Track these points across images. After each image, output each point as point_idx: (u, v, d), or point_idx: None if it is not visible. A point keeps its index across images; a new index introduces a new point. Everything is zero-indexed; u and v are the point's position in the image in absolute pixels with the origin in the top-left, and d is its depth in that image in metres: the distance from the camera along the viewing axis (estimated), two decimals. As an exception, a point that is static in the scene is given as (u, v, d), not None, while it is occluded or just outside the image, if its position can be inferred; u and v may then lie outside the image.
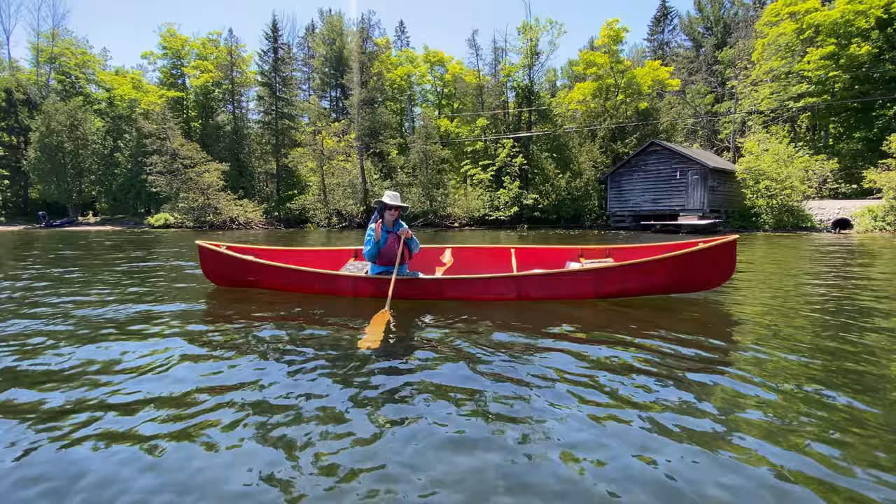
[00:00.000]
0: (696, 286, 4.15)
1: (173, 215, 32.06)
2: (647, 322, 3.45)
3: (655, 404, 2.02)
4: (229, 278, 4.79)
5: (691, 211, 24.11)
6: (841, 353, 2.74)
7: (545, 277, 3.96)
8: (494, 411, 1.96)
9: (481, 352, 2.76)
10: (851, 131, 30.25)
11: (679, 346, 2.86)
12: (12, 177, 40.55)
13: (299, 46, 52.64)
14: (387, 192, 4.33)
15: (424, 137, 33.75)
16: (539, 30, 36.53)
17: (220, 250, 4.66)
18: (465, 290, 4.05)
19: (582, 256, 4.95)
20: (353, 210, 33.37)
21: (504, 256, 5.14)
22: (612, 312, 3.72)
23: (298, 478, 1.50)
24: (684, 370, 2.43)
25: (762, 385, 2.23)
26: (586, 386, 2.23)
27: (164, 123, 31.45)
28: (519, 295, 3.96)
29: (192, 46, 42.19)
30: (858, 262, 7.98)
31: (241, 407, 2.02)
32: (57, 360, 2.65)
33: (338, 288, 4.38)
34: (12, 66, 42.94)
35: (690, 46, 52.92)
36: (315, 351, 2.80)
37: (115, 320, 3.60)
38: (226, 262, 4.67)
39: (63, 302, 4.30)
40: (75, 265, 7.54)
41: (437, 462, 1.58)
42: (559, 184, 33.28)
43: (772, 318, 3.61)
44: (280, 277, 4.52)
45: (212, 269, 4.83)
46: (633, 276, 3.93)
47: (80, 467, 1.56)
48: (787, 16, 30.14)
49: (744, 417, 1.91)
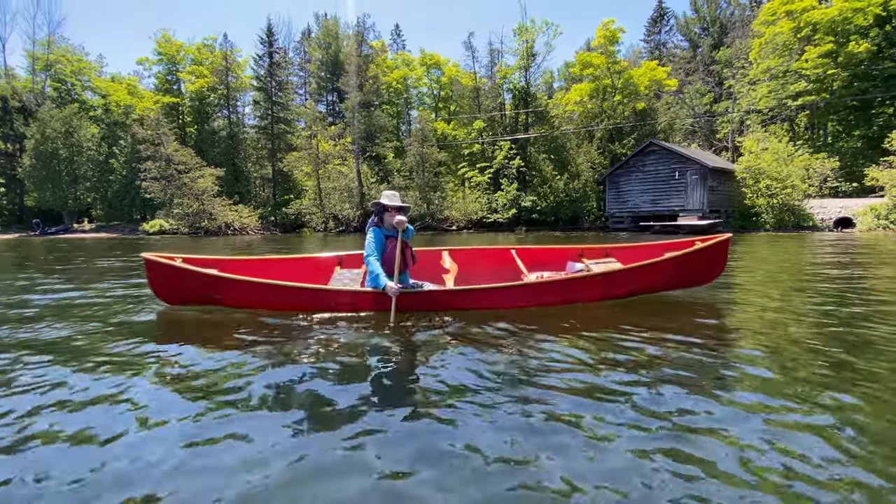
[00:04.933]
0: (695, 282, 4.44)
1: (168, 221, 31.79)
2: (660, 324, 3.30)
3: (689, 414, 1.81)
4: (186, 296, 4.08)
5: (691, 211, 23.81)
6: (858, 354, 2.44)
7: (560, 283, 3.93)
8: (527, 429, 1.81)
9: (502, 363, 2.58)
10: (851, 129, 30.00)
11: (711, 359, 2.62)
12: (8, 184, 40.27)
13: (295, 51, 52.49)
14: (384, 193, 3.92)
15: (421, 140, 33.52)
16: (535, 31, 36.38)
17: (173, 264, 3.93)
18: (480, 301, 3.81)
19: (583, 256, 4.85)
20: (350, 214, 33.12)
21: (506, 258, 4.89)
22: (618, 312, 3.74)
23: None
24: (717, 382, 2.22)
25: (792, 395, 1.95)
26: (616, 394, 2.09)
27: (157, 129, 31.24)
28: (534, 301, 3.86)
29: (187, 52, 42.07)
30: (868, 261, 7.67)
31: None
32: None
33: (331, 304, 3.80)
34: (8, 73, 42.81)
35: (687, 47, 52.86)
36: (308, 386, 2.28)
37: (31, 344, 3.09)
38: (182, 277, 3.96)
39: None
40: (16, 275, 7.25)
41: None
42: (557, 185, 33.01)
43: (787, 325, 3.31)
44: (255, 294, 3.88)
45: (163, 287, 4.07)
46: (641, 277, 4.05)
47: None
48: (783, 14, 29.98)
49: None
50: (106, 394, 2.19)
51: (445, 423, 1.84)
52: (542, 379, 2.30)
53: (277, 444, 1.69)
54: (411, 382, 2.35)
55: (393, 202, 3.82)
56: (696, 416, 1.87)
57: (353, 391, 2.20)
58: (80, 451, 1.67)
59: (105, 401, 2.11)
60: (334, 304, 3.78)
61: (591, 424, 1.80)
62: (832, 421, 1.81)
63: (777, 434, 1.71)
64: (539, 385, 2.22)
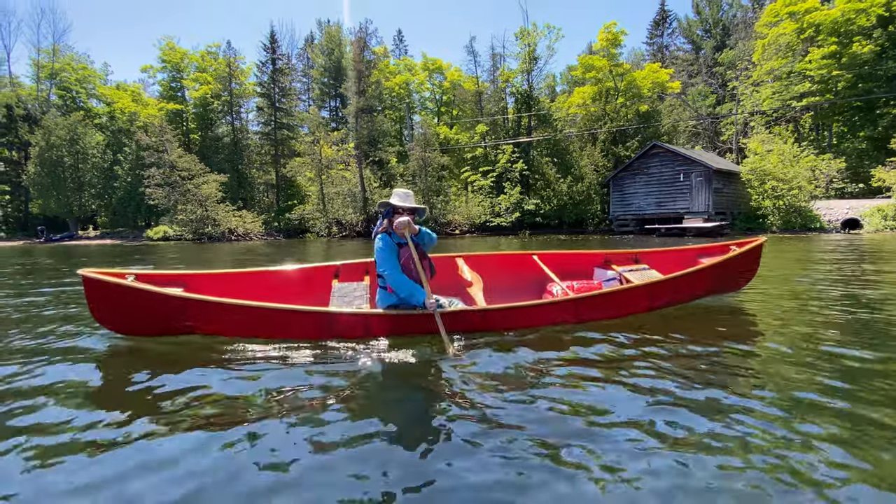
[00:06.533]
0: (730, 288, 4.27)
1: (172, 228, 31.85)
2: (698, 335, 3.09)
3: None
4: (143, 324, 3.09)
5: (696, 213, 23.67)
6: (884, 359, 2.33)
7: (604, 296, 3.53)
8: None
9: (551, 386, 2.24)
10: (856, 130, 29.84)
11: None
12: (13, 192, 40.59)
13: (298, 58, 52.84)
14: (395, 191, 3.15)
15: (423, 145, 33.56)
16: (537, 35, 36.51)
17: (123, 283, 2.93)
18: (518, 320, 3.27)
19: (610, 262, 4.43)
20: (353, 219, 33.14)
21: (529, 265, 4.38)
22: (646, 322, 3.50)
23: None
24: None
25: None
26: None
27: (161, 136, 31.40)
28: (576, 318, 3.42)
29: (191, 59, 42.34)
30: (881, 263, 7.54)
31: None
32: None
33: (338, 329, 3.03)
34: (13, 82, 43.20)
35: (690, 49, 52.85)
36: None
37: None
38: (136, 301, 2.97)
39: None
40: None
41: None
42: (560, 188, 32.94)
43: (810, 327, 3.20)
44: (238, 320, 3.00)
45: (112, 312, 3.07)
46: (683, 286, 3.83)
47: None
48: (786, 16, 29.95)
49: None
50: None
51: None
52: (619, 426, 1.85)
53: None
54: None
55: (405, 202, 3.07)
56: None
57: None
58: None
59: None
60: (342, 329, 3.03)
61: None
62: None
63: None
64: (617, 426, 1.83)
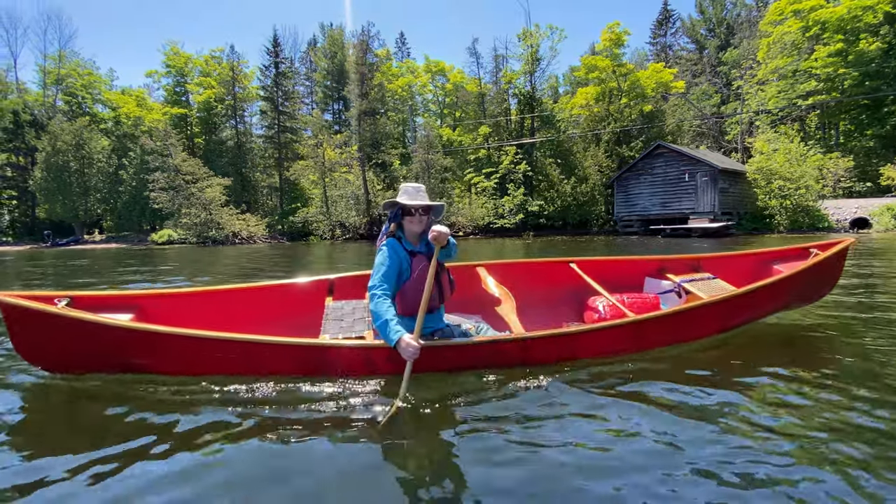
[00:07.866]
0: (812, 298, 3.50)
1: (176, 231, 31.99)
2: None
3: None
4: (80, 361, 2.38)
5: (702, 213, 23.44)
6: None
7: (670, 318, 2.77)
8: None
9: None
10: (863, 128, 29.51)
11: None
12: (20, 197, 41.00)
13: (301, 61, 53.01)
14: (403, 187, 2.48)
15: (426, 147, 33.53)
16: (539, 36, 36.42)
17: (52, 311, 2.21)
18: (571, 349, 2.56)
19: (665, 270, 3.64)
20: (357, 222, 33.15)
21: (567, 274, 3.63)
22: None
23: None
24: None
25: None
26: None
27: (166, 140, 31.58)
28: (637, 345, 2.73)
29: (195, 64, 42.63)
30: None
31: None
32: None
33: (334, 366, 2.36)
34: (20, 88, 43.66)
35: (693, 49, 52.54)
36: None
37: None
38: (71, 332, 2.27)
39: None
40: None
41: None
42: (564, 189, 32.79)
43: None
44: (206, 357, 2.31)
45: (39, 347, 2.34)
46: (764, 300, 3.09)
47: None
48: (791, 14, 29.72)
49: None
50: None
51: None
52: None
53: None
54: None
55: (416, 200, 2.41)
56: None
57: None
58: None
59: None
60: (338, 366, 2.36)
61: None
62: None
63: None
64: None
